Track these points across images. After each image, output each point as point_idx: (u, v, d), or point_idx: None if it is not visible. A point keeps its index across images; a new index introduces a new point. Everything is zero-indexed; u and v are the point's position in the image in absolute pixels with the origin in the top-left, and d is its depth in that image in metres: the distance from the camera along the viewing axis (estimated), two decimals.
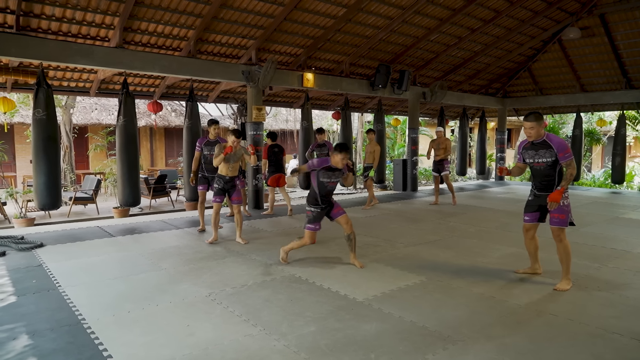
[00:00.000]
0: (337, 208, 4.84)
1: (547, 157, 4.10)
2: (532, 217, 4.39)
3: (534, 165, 4.22)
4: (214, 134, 6.47)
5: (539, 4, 10.39)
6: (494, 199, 10.50)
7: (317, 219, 4.80)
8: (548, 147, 4.08)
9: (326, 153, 8.29)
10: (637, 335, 3.23)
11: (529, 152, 4.22)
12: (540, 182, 4.24)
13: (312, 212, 4.80)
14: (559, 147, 4.04)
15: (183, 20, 7.42)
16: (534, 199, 4.36)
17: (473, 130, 18.65)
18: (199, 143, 6.51)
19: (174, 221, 7.56)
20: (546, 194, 4.19)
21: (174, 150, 17.01)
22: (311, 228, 4.81)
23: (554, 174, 4.14)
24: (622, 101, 12.40)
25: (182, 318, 3.54)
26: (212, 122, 6.54)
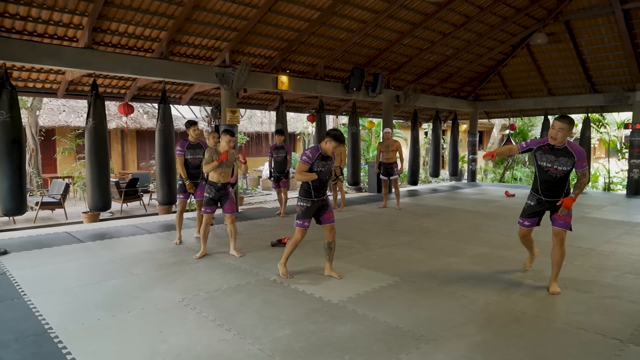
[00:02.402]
0: (330, 214, 4.55)
1: (568, 166, 3.95)
2: (533, 222, 4.33)
3: (551, 171, 4.03)
4: (194, 136, 6.06)
5: (508, 10, 10.69)
6: (466, 200, 10.72)
7: (306, 215, 4.48)
8: (570, 155, 3.93)
9: (283, 156, 8.13)
10: (601, 330, 3.36)
11: (548, 157, 4.01)
12: (549, 188, 4.10)
13: (302, 207, 4.48)
14: (580, 155, 3.91)
15: (155, 21, 7.31)
16: (537, 205, 4.23)
17: (446, 133, 19.00)
18: (180, 147, 6.01)
19: (147, 225, 7.41)
20: (554, 200, 4.10)
21: (146, 153, 16.67)
22: (299, 225, 4.49)
23: (566, 183, 4.06)
24: (587, 104, 12.87)
25: (154, 324, 3.47)
26: (191, 124, 6.09)
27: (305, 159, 4.35)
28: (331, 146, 4.35)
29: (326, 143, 4.36)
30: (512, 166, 19.64)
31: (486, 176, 20.26)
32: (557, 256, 4.13)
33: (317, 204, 4.49)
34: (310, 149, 4.41)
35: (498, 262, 5.23)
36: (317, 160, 4.37)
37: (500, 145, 17.01)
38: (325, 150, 4.39)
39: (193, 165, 6.09)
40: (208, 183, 5.39)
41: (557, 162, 3.99)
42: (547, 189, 4.12)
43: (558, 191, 4.09)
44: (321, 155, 4.39)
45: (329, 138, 4.34)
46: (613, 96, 11.81)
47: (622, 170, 16.28)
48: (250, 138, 19.11)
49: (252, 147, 19.74)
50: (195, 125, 6.08)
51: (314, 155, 4.35)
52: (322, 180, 4.45)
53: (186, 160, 6.04)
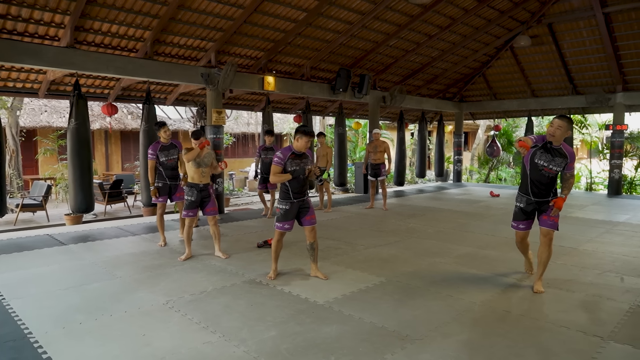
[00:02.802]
0: (311, 216, 4.49)
1: (561, 166, 4.01)
2: (527, 225, 4.31)
3: (544, 171, 4.04)
4: (165, 137, 5.91)
5: (492, 13, 10.82)
6: (451, 201, 10.81)
7: (286, 217, 4.41)
8: (564, 156, 3.99)
9: (271, 157, 8.07)
10: (582, 327, 3.41)
11: (545, 156, 4.03)
12: (539, 187, 4.13)
13: (282, 209, 4.41)
14: (572, 157, 4.00)
15: (139, 20, 7.22)
16: (527, 205, 4.23)
17: (432, 134, 19.13)
18: (153, 150, 5.82)
19: (131, 227, 7.32)
20: (543, 200, 4.14)
21: (130, 154, 16.47)
22: (279, 227, 4.44)
23: (555, 183, 4.12)
24: (569, 106, 13.09)
25: (137, 328, 3.42)
26: (161, 125, 5.96)
27: (278, 160, 4.29)
28: (303, 142, 4.28)
29: (297, 140, 4.31)
30: (496, 167, 19.89)
31: (471, 177, 20.47)
32: (544, 256, 4.18)
33: (296, 206, 4.44)
34: (282, 150, 4.36)
35: (483, 261, 5.28)
36: (289, 159, 4.30)
37: (486, 146, 17.19)
38: (298, 148, 4.32)
39: (169, 166, 5.95)
40: (189, 185, 5.33)
41: (553, 162, 4.03)
42: (538, 189, 4.14)
43: (547, 191, 4.14)
44: (294, 154, 4.33)
45: (299, 134, 4.29)
46: (594, 98, 12.03)
47: (604, 170, 16.60)
48: (236, 139, 19.02)
49: (238, 148, 19.65)
50: (165, 126, 5.94)
51: (285, 156, 4.29)
52: (299, 180, 4.39)
53: (162, 163, 5.90)
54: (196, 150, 5.17)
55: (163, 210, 6.11)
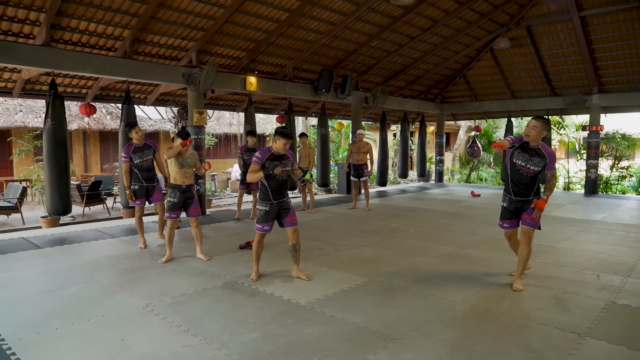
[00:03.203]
0: (292, 217, 4.47)
1: (539, 166, 4.08)
2: (512, 224, 4.39)
3: (523, 170, 4.14)
4: (137, 138, 5.77)
5: (472, 15, 10.96)
6: (433, 201, 10.91)
7: (266, 219, 4.41)
8: (542, 156, 4.06)
9: None
10: (560, 324, 3.47)
11: (523, 155, 4.12)
12: (520, 187, 4.21)
13: (262, 210, 4.41)
14: (551, 157, 4.07)
15: (117, 19, 7.09)
16: (510, 205, 4.32)
17: (414, 134, 19.30)
18: (126, 153, 5.68)
19: (110, 230, 7.18)
20: (523, 199, 4.22)
21: (110, 155, 16.16)
22: (259, 229, 4.45)
23: (536, 182, 4.18)
24: (547, 107, 13.36)
25: (116, 332, 3.35)
26: (132, 125, 5.77)
27: (256, 160, 4.30)
28: (281, 144, 4.30)
29: (276, 142, 4.33)
30: (477, 167, 20.16)
31: (453, 177, 20.71)
32: (523, 254, 4.25)
33: (276, 207, 4.44)
34: (261, 150, 4.38)
35: (464, 261, 5.34)
36: (267, 160, 4.30)
37: (467, 147, 17.41)
38: (276, 150, 4.33)
39: (145, 168, 5.84)
40: (171, 186, 5.26)
41: (530, 162, 4.11)
42: (518, 188, 4.23)
43: (528, 190, 4.21)
44: (273, 155, 4.34)
45: (278, 136, 4.31)
46: (571, 99, 12.30)
47: (581, 170, 16.97)
48: (218, 139, 18.85)
49: (220, 149, 19.48)
50: (137, 126, 5.81)
51: (264, 156, 4.30)
52: (279, 182, 4.40)
53: (137, 165, 5.78)
54: (177, 148, 5.08)
55: (142, 213, 6.00)
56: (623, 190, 16.26)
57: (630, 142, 16.33)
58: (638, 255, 5.53)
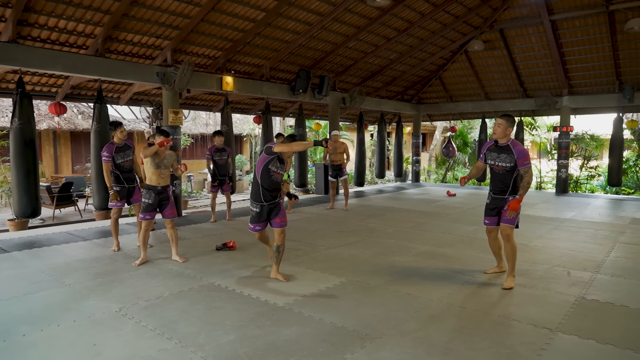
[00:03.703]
0: (282, 218, 4.48)
1: (507, 162, 4.21)
2: (492, 221, 4.50)
3: (494, 168, 4.33)
4: (121, 138, 5.68)
5: (447, 17, 11.14)
6: (410, 200, 11.03)
7: (258, 219, 4.45)
8: (510, 152, 4.19)
9: (226, 158, 7.85)
10: (532, 320, 3.55)
11: (492, 154, 4.33)
12: (495, 184, 4.38)
13: (253, 211, 4.46)
14: (519, 154, 4.17)
15: (89, 16, 6.91)
16: (491, 202, 4.47)
17: (391, 135, 19.47)
18: (108, 152, 5.56)
19: (82, 232, 6.99)
20: (501, 197, 4.34)
21: (81, 156, 15.73)
22: (251, 228, 4.53)
23: (510, 180, 4.28)
24: (520, 108, 13.68)
25: (87, 337, 3.26)
26: (117, 125, 5.72)
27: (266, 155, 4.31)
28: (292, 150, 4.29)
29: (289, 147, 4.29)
30: (453, 167, 20.49)
31: (429, 177, 20.99)
32: (507, 251, 4.36)
33: (267, 208, 4.43)
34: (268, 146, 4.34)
35: (440, 259, 5.40)
36: (273, 160, 4.31)
37: (442, 147, 17.67)
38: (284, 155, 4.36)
39: (126, 168, 5.73)
40: (146, 187, 5.16)
41: (499, 159, 4.27)
42: (494, 185, 4.41)
43: (503, 188, 4.33)
44: (278, 157, 4.34)
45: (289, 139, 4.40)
46: (543, 101, 12.62)
47: (552, 170, 17.44)
48: (194, 140, 18.61)
49: (197, 149, 19.23)
50: (121, 126, 5.71)
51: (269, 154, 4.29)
52: (274, 183, 4.40)
53: (118, 165, 5.67)
54: (154, 147, 4.97)
55: (119, 215, 5.87)
56: (592, 189, 16.79)
57: (598, 142, 16.88)
58: (606, 252, 5.72)
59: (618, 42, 10.90)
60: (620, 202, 10.98)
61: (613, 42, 10.89)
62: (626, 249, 5.96)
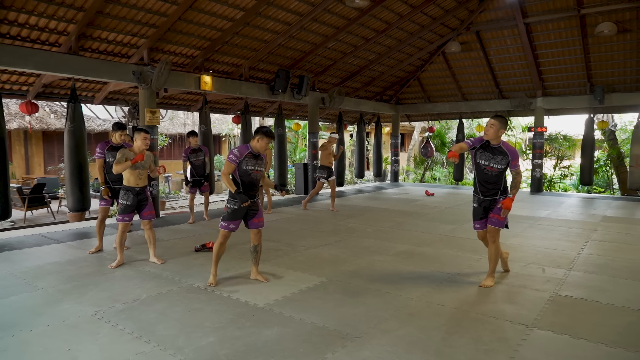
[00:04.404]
0: (259, 219, 4.38)
1: (502, 164, 4.18)
2: (482, 225, 4.44)
3: (487, 169, 4.24)
4: (119, 140, 5.70)
5: (425, 19, 11.27)
6: (389, 200, 11.12)
7: (233, 217, 4.26)
8: (504, 154, 4.17)
9: (203, 159, 7.78)
10: (509, 317, 3.63)
11: (486, 155, 4.23)
12: (486, 186, 4.31)
13: (230, 208, 4.26)
14: (513, 155, 4.17)
15: (61, 13, 6.73)
16: (479, 206, 4.40)
17: (370, 135, 19.60)
18: (101, 149, 5.61)
19: (55, 234, 6.80)
20: (491, 198, 4.31)
21: (54, 156, 15.32)
22: (224, 227, 4.28)
23: (501, 181, 4.28)
24: (496, 109, 13.93)
25: (61, 342, 3.17)
26: (119, 127, 5.71)
27: (232, 158, 4.16)
28: (263, 144, 4.21)
29: (257, 141, 4.22)
30: (431, 167, 20.76)
31: (408, 177, 21.21)
32: (490, 252, 4.40)
33: (245, 209, 4.32)
34: (239, 148, 4.24)
35: (419, 258, 5.46)
36: (246, 158, 4.19)
37: (421, 147, 17.87)
38: (256, 149, 4.24)
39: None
40: (124, 188, 5.07)
41: (493, 160, 4.23)
42: (485, 188, 4.33)
43: (494, 189, 4.31)
44: (251, 154, 4.23)
45: (260, 135, 4.20)
46: (518, 102, 12.90)
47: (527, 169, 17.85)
48: (172, 140, 18.35)
49: (174, 149, 18.96)
50: (123, 130, 5.71)
51: (242, 154, 4.18)
52: (252, 181, 4.29)
53: (107, 164, 5.64)
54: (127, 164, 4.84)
55: (105, 215, 5.77)
56: (565, 189, 17.27)
57: (571, 142, 17.38)
58: (579, 250, 5.88)
59: (589, 45, 11.23)
60: (591, 201, 11.31)
61: (584, 45, 11.21)
62: (597, 246, 6.14)
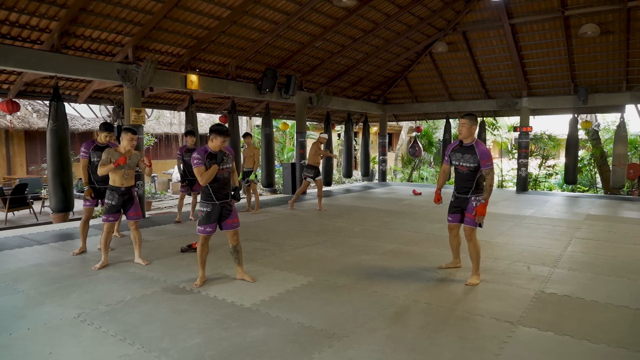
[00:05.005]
0: (234, 219, 4.36)
1: (471, 162, 4.28)
2: (454, 218, 4.59)
3: (459, 168, 4.40)
4: (104, 141, 5.65)
5: (412, 19, 11.32)
6: (377, 200, 11.14)
7: (207, 220, 4.25)
8: (473, 152, 4.26)
9: None
10: (495, 314, 3.65)
11: (457, 154, 4.39)
12: (459, 184, 4.44)
13: (203, 212, 4.26)
14: (483, 155, 4.25)
15: (43, 9, 6.60)
16: (454, 201, 4.55)
17: (357, 135, 19.63)
18: (86, 148, 5.57)
19: (37, 236, 6.66)
20: (464, 196, 4.41)
21: (37, 156, 15.04)
22: (201, 231, 4.26)
23: (473, 180, 4.34)
24: (482, 109, 14.08)
25: (43, 346, 3.11)
26: (106, 129, 5.64)
27: (198, 162, 4.13)
28: (218, 142, 4.19)
29: (212, 141, 4.21)
30: (418, 166, 20.88)
31: (395, 176, 21.30)
32: (470, 251, 4.46)
33: (218, 208, 4.30)
34: (198, 151, 4.21)
35: (406, 257, 5.48)
36: (206, 160, 4.17)
37: (408, 147, 17.95)
38: (213, 149, 4.21)
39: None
40: (109, 188, 5.01)
41: (463, 159, 4.34)
42: (458, 185, 4.48)
43: (466, 188, 4.41)
44: (210, 155, 4.21)
45: (213, 134, 4.19)
46: (504, 102, 13.03)
47: (513, 169, 18.05)
48: (158, 139, 18.16)
49: (161, 149, 18.76)
50: (110, 132, 5.66)
51: (202, 156, 4.16)
52: (221, 180, 4.27)
53: (92, 164, 5.57)
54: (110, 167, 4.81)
55: (89, 215, 5.68)
56: (550, 187, 17.51)
57: (555, 142, 17.62)
58: (563, 247, 5.95)
59: (573, 46, 11.39)
60: (576, 199, 11.48)
61: (568, 46, 11.37)
62: (581, 243, 6.22)
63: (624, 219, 8.32)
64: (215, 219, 4.31)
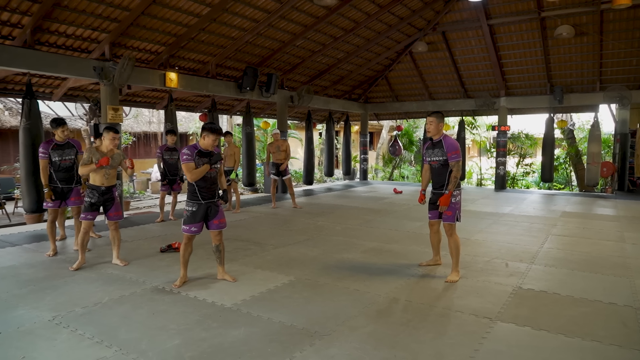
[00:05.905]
0: (221, 220, 4.31)
1: (440, 156, 4.41)
2: (434, 215, 4.64)
3: (431, 164, 4.53)
4: (62, 136, 5.44)
5: (392, 19, 11.39)
6: (358, 198, 11.18)
7: (193, 220, 4.20)
8: (441, 147, 4.39)
9: (177, 158, 7.65)
10: (474, 310, 3.70)
11: (429, 151, 4.53)
12: (434, 179, 4.57)
13: (189, 211, 4.22)
14: (449, 147, 4.36)
15: (15, 4, 6.41)
16: (432, 197, 4.61)
17: (339, 134, 19.67)
18: (44, 148, 5.34)
19: (10, 237, 6.47)
20: (440, 192, 4.48)
21: (9, 155, 14.61)
22: (186, 230, 4.21)
23: (445, 174, 4.43)
24: (461, 108, 14.27)
25: (15, 350, 3.02)
26: (59, 123, 5.42)
27: (187, 158, 4.09)
28: (210, 140, 4.16)
29: (204, 138, 4.18)
30: (399, 165, 21.04)
31: (377, 175, 21.42)
32: (450, 247, 4.52)
33: (204, 207, 4.25)
34: (187, 147, 4.17)
35: (387, 255, 5.51)
36: (196, 157, 4.14)
37: (389, 145, 18.06)
38: (204, 147, 4.18)
39: (63, 167, 5.43)
40: (89, 187, 4.91)
41: (433, 154, 4.49)
42: (434, 181, 4.59)
43: (440, 183, 4.51)
44: (200, 152, 4.17)
45: (206, 132, 4.16)
46: (482, 101, 13.23)
47: (491, 167, 18.36)
48: (137, 138, 17.85)
49: (139, 148, 18.44)
50: (64, 125, 5.43)
51: (192, 152, 4.12)
52: (208, 180, 4.23)
53: (53, 164, 5.38)
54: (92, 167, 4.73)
55: (55, 217, 5.54)
56: (527, 185, 17.87)
57: (532, 141, 17.99)
58: (540, 244, 6.08)
59: (549, 47, 11.64)
60: (552, 197, 11.74)
61: (545, 46, 11.61)
62: (557, 240, 6.37)
63: (598, 216, 8.55)
64: (201, 219, 4.26)
